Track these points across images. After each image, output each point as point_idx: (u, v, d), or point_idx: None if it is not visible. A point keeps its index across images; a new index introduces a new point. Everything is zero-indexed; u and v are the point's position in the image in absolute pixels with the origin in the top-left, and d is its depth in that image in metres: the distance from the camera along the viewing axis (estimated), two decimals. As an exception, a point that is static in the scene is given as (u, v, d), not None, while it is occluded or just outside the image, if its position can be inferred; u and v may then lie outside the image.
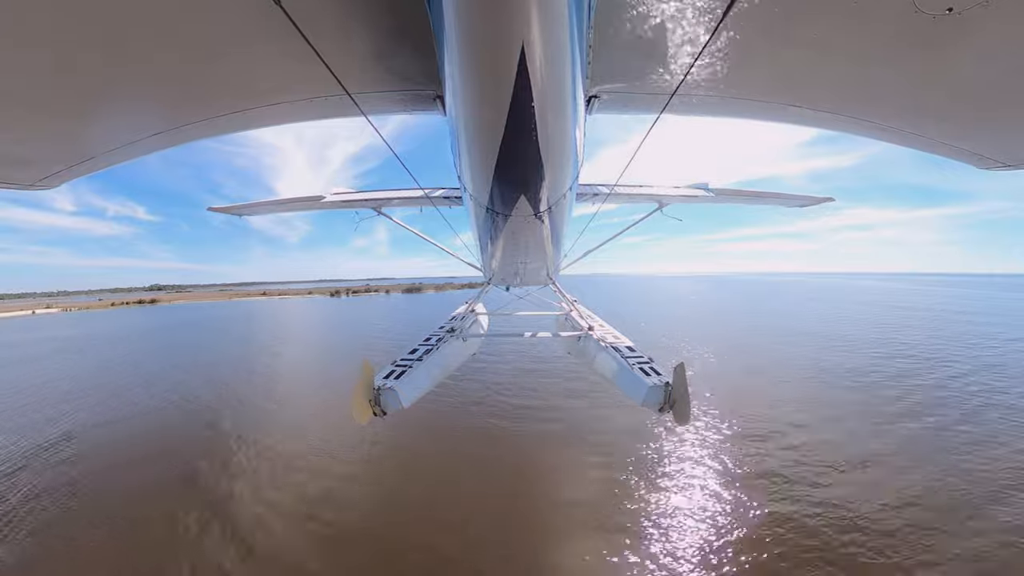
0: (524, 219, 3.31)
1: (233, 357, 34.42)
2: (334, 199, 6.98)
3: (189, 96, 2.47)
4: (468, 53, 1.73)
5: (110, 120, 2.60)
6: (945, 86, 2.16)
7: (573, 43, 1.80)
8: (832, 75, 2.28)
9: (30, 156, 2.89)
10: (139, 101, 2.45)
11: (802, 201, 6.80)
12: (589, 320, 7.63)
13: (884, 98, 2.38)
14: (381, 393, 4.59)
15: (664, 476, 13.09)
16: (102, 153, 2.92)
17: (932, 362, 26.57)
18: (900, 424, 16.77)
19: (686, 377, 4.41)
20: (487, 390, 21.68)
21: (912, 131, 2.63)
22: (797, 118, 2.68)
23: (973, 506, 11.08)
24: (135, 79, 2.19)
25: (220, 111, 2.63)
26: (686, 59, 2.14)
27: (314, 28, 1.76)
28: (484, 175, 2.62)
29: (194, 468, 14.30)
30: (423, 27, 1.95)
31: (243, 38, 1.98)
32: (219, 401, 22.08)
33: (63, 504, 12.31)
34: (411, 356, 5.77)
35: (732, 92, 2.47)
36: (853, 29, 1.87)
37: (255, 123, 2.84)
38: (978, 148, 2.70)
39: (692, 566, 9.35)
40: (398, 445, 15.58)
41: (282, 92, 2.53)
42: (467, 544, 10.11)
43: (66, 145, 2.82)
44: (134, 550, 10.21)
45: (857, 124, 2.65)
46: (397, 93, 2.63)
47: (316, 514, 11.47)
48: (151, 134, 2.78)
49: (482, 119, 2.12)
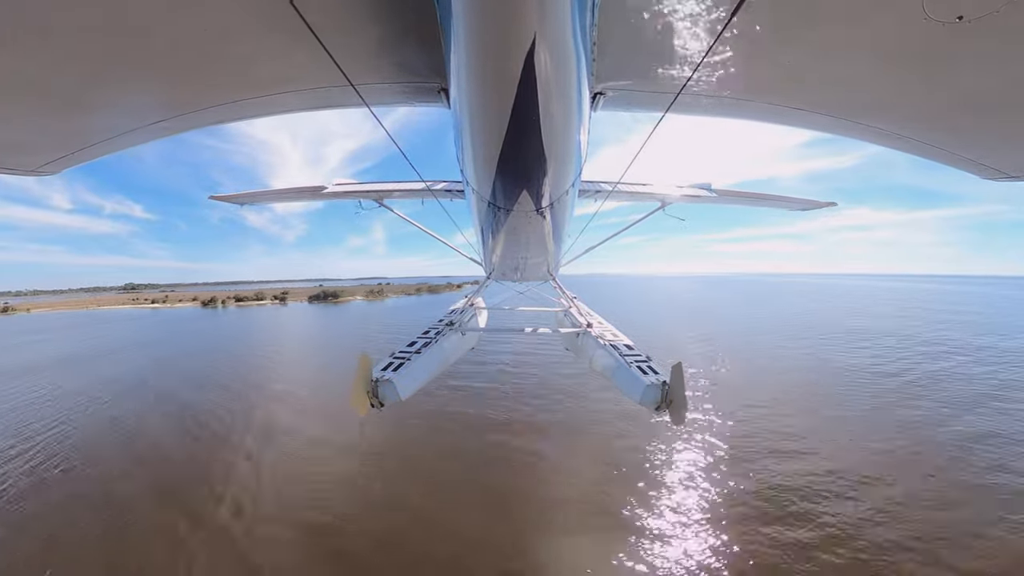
0: (526, 214, 3.31)
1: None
2: (336, 189, 6.97)
3: (192, 84, 2.46)
4: (476, 47, 1.73)
5: (112, 107, 2.60)
6: (950, 95, 2.16)
7: (578, 39, 1.80)
8: (838, 79, 2.27)
9: (32, 143, 2.89)
10: (141, 88, 2.44)
11: (805, 205, 6.81)
12: (588, 317, 7.65)
13: (889, 105, 2.38)
14: (379, 385, 4.62)
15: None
16: (104, 140, 2.91)
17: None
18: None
19: (683, 377, 4.43)
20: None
21: (915, 138, 2.63)
22: (801, 121, 2.68)
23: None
24: (137, 66, 2.18)
25: (223, 99, 2.63)
26: (692, 59, 2.14)
27: (320, 18, 1.76)
28: (487, 169, 2.63)
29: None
30: (430, 20, 1.96)
31: (248, 27, 1.98)
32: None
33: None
34: (409, 349, 5.79)
35: (737, 93, 2.47)
36: (861, 34, 1.87)
37: (258, 111, 2.83)
38: (982, 158, 2.70)
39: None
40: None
41: (286, 81, 2.53)
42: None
43: (67, 132, 2.82)
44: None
45: (861, 129, 2.65)
46: (401, 85, 2.63)
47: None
48: (153, 121, 2.77)
49: (487, 113, 2.13)
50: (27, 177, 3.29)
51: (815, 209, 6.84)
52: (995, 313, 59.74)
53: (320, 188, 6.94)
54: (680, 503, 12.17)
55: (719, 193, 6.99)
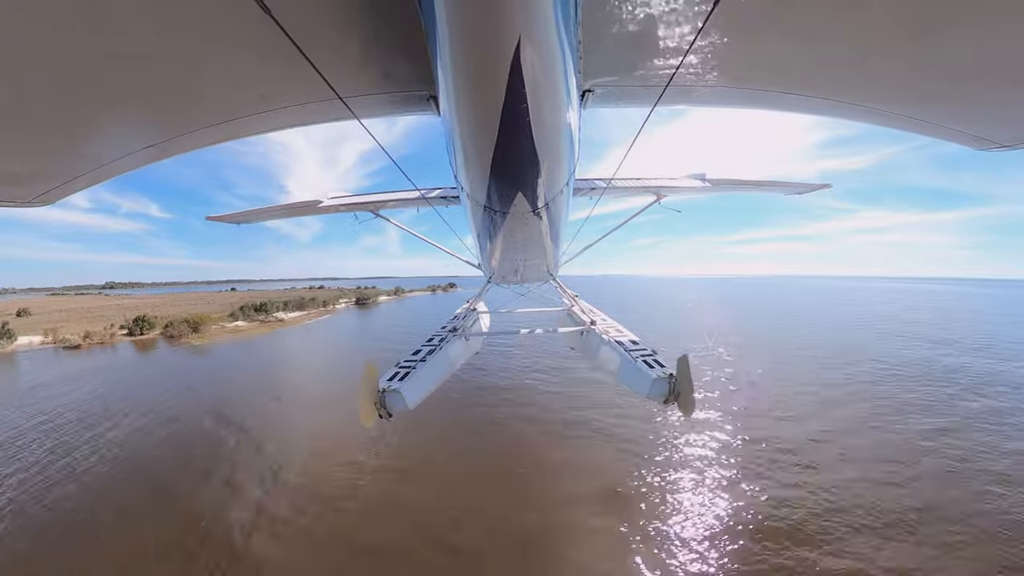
0: (522, 216, 3.30)
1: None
2: (332, 203, 6.97)
3: (181, 107, 2.45)
4: (461, 53, 1.72)
5: (102, 134, 2.58)
6: (943, 67, 2.13)
7: (563, 38, 1.79)
8: (827, 61, 2.25)
9: (24, 173, 2.88)
10: (129, 113, 2.43)
11: (800, 189, 6.78)
12: (591, 315, 7.63)
13: (881, 82, 2.36)
14: (386, 395, 4.60)
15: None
16: (96, 168, 2.90)
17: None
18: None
19: (690, 369, 4.41)
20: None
21: (910, 115, 2.61)
22: (793, 105, 2.66)
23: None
24: (124, 92, 2.17)
25: (212, 120, 2.62)
26: (678, 50, 2.12)
27: (304, 33, 1.75)
28: (480, 173, 2.61)
29: None
30: (415, 28, 1.94)
31: (233, 46, 1.96)
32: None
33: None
34: (414, 357, 5.77)
35: (727, 81, 2.45)
36: (849, 13, 1.85)
37: (248, 130, 2.82)
38: (977, 129, 2.67)
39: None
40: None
41: (275, 98, 2.52)
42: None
43: (60, 161, 2.80)
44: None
45: (854, 110, 2.63)
46: (390, 95, 2.62)
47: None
48: (144, 147, 2.76)
49: (477, 117, 2.12)
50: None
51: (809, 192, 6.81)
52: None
53: (316, 203, 6.94)
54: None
55: (713, 182, 6.96)
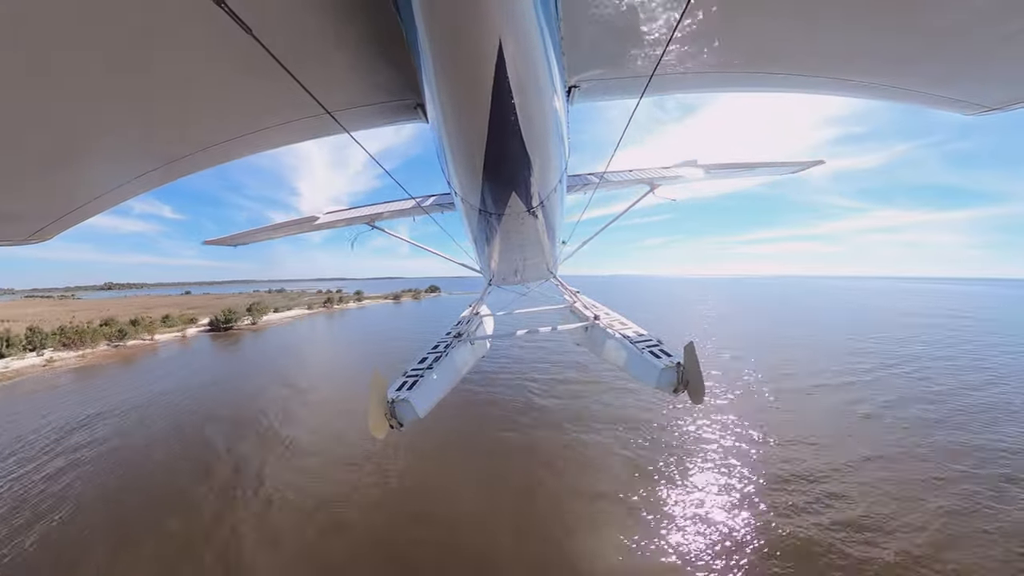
0: (518, 216, 3.31)
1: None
2: (328, 219, 6.99)
3: (170, 134, 2.47)
4: (444, 58, 1.73)
5: (93, 167, 2.59)
6: (922, 33, 2.14)
7: (545, 36, 1.80)
8: (809, 38, 2.26)
9: (17, 212, 2.88)
10: (117, 144, 2.44)
11: (794, 167, 6.78)
12: (594, 309, 7.63)
13: (863, 54, 2.36)
14: (395, 405, 4.59)
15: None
16: (89, 201, 2.91)
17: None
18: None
19: (696, 356, 4.40)
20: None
21: (894, 85, 2.62)
22: (778, 86, 2.67)
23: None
24: (111, 123, 2.18)
25: (203, 145, 2.63)
26: (661, 39, 2.13)
27: (288, 52, 1.76)
28: (473, 177, 2.62)
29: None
30: (397, 38, 1.96)
31: (219, 70, 1.98)
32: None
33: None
34: (421, 365, 5.76)
35: (710, 66, 2.46)
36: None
37: (240, 152, 2.84)
38: (960, 94, 2.68)
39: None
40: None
41: (266, 117, 2.54)
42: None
43: (53, 197, 2.81)
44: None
45: (839, 84, 2.63)
46: (378, 106, 2.64)
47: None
48: (136, 176, 2.77)
49: (465, 121, 2.13)
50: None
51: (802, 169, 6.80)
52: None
53: (312, 219, 6.96)
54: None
55: (706, 168, 6.96)
